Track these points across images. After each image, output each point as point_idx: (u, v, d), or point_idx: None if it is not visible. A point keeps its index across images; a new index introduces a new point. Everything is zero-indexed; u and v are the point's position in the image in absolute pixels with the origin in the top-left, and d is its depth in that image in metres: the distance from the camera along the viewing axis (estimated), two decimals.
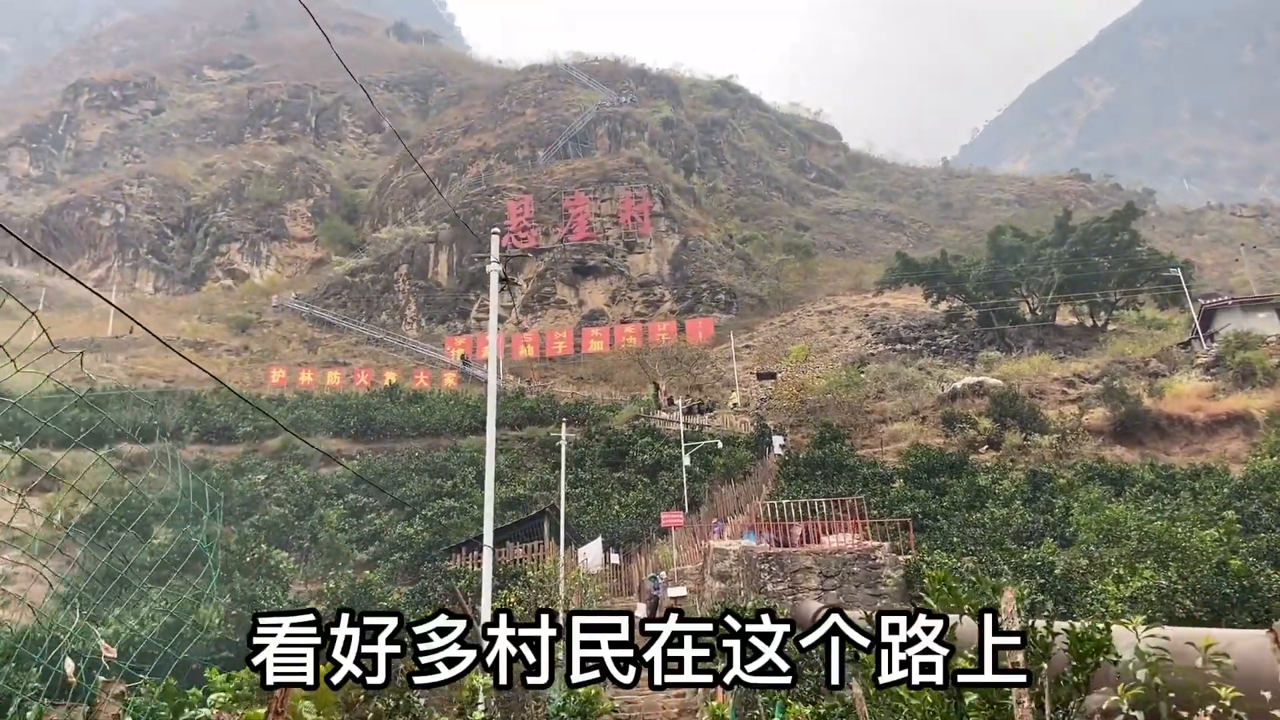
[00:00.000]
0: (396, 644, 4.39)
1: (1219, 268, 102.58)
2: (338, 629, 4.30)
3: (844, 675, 5.29)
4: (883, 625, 4.56)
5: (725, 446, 40.58)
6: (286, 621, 4.34)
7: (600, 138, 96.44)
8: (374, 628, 4.39)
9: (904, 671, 4.56)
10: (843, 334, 67.28)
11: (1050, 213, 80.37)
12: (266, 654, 4.29)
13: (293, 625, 4.34)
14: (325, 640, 4.24)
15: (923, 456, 37.27)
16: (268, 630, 4.33)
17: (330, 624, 4.31)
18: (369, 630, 4.37)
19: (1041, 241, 62.84)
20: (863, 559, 18.74)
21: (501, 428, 48.17)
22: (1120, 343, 55.79)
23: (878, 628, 4.58)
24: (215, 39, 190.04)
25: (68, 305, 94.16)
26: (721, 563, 19.84)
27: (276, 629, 4.33)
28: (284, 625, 4.32)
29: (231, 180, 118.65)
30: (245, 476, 38.25)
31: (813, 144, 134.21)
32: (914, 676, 4.51)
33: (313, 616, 4.39)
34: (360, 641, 4.38)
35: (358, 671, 4.34)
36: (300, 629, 4.33)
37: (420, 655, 4.42)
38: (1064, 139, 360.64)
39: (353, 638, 4.36)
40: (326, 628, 4.24)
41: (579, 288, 79.22)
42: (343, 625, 4.28)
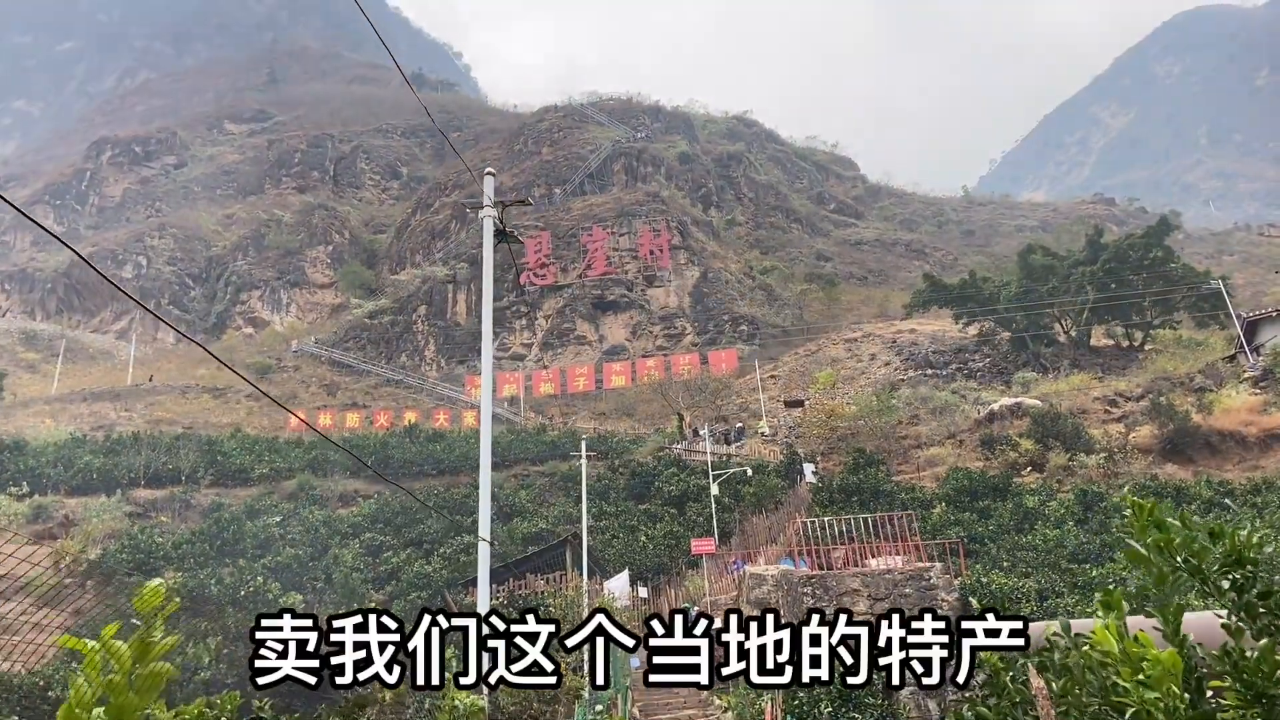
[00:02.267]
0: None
1: (1250, 287, 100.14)
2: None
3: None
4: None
5: (755, 475, 38.98)
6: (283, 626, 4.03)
7: (617, 174, 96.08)
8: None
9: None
10: (870, 361, 65.62)
11: (1075, 237, 78.84)
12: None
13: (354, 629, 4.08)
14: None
15: (963, 480, 35.58)
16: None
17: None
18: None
19: (1073, 260, 61.17)
20: (915, 579, 17.13)
21: (522, 462, 46.93)
22: (1161, 360, 53.87)
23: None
24: (236, 95, 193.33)
25: (90, 358, 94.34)
26: (759, 589, 18.28)
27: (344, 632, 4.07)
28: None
29: (252, 230, 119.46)
30: (260, 519, 37.01)
31: (830, 176, 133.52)
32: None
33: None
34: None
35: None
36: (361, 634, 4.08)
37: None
38: (1082, 168, 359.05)
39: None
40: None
41: (599, 323, 78.19)
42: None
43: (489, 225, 10.12)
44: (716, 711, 18.75)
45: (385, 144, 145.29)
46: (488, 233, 10.25)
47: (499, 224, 10.19)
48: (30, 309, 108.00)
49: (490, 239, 10.21)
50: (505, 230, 10.35)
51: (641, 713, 19.31)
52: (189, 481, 42.72)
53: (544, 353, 77.88)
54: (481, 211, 10.13)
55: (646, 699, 21.17)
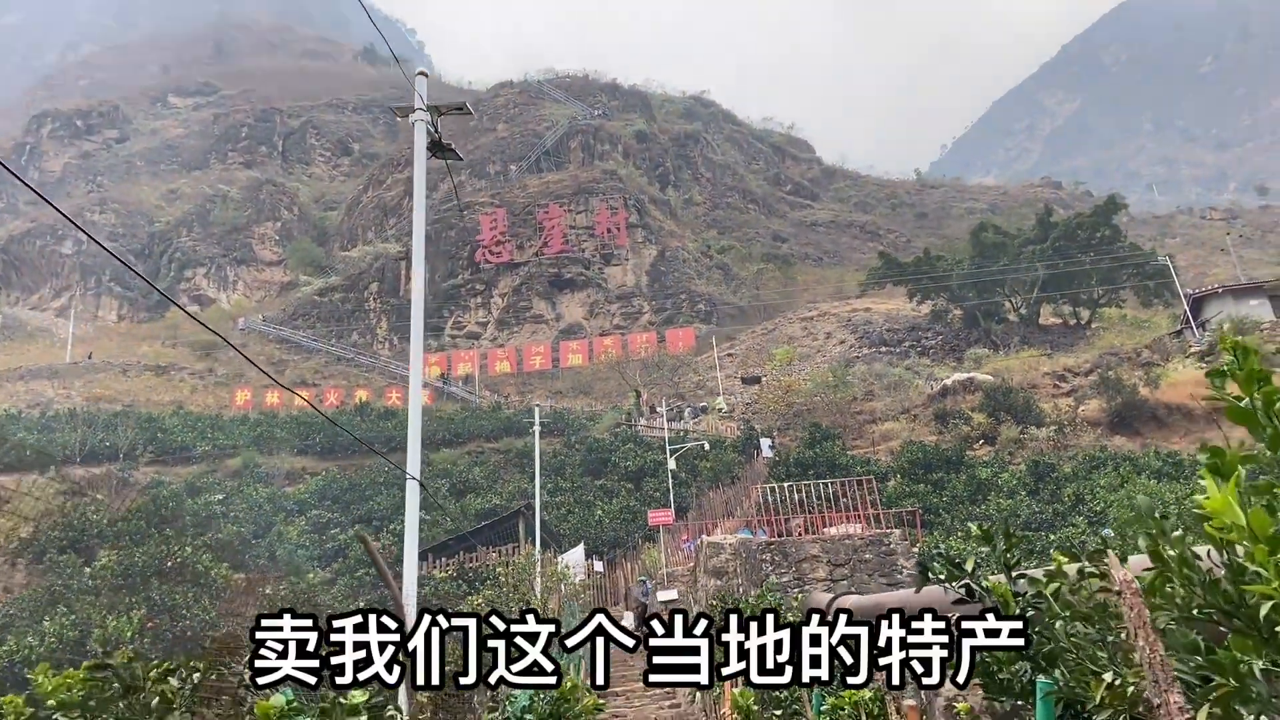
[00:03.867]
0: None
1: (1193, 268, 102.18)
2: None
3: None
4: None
5: (712, 450, 38.79)
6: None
7: (573, 151, 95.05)
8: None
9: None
10: (826, 339, 65.83)
11: (1025, 218, 79.67)
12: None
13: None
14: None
15: (918, 453, 35.76)
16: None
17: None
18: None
19: (1024, 239, 61.87)
20: (875, 545, 16.94)
21: (477, 439, 46.25)
22: (1108, 336, 54.72)
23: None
24: (181, 68, 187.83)
25: (28, 335, 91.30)
26: (716, 557, 17.96)
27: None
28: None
29: (196, 205, 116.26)
30: (201, 496, 35.94)
31: (787, 157, 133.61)
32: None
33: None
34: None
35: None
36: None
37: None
38: (1029, 154, 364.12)
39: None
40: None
41: (556, 302, 77.43)
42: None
43: (420, 132, 9.46)
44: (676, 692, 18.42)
45: (336, 119, 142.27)
46: (419, 141, 9.58)
47: (433, 133, 9.54)
48: None
49: (422, 148, 9.52)
50: (441, 141, 9.69)
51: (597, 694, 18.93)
52: (127, 459, 41.41)
53: (500, 331, 76.95)
54: (412, 115, 9.47)
55: None
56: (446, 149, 9.69)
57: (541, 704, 6.63)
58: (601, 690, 8.71)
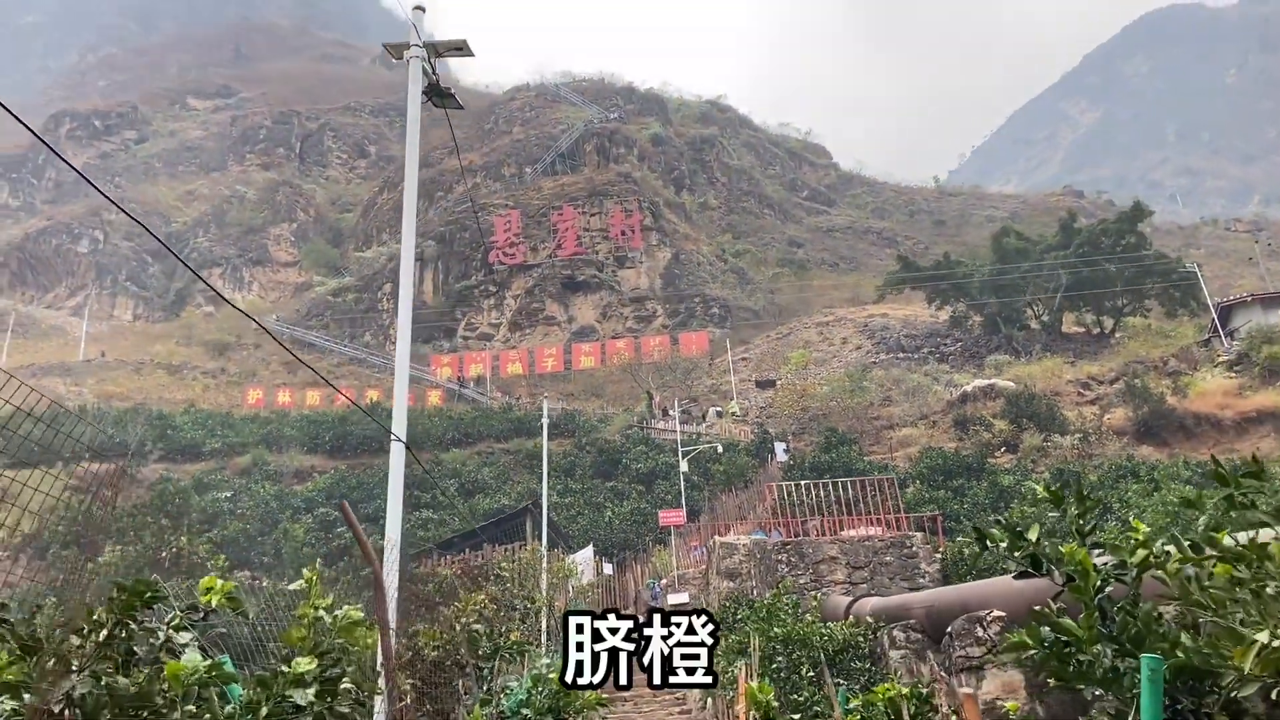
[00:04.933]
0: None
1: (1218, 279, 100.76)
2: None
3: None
4: None
5: (725, 453, 38.00)
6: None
7: (589, 154, 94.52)
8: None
9: None
10: (842, 344, 64.90)
11: (1046, 226, 78.53)
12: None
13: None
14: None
15: (937, 459, 34.88)
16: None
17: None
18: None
19: (1046, 245, 60.79)
20: (896, 547, 16.14)
21: (487, 439, 45.66)
22: (1132, 345, 53.57)
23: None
24: (201, 71, 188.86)
25: (42, 333, 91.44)
26: (730, 559, 17.19)
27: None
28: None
29: (213, 206, 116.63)
30: (209, 493, 35.44)
31: (803, 163, 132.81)
32: None
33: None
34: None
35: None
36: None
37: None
38: (1049, 164, 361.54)
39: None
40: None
41: (569, 304, 76.85)
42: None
43: (416, 70, 8.73)
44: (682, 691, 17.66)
45: (353, 122, 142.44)
46: (414, 81, 8.86)
47: (430, 74, 8.84)
48: None
49: (417, 90, 8.80)
50: (439, 86, 8.99)
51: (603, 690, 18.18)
52: (136, 455, 40.98)
53: (512, 333, 76.42)
54: (407, 53, 8.76)
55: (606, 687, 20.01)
56: (445, 94, 8.99)
57: (539, 698, 5.93)
58: (624, 689, 8.20)
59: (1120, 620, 2.90)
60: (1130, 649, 2.82)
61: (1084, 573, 3.00)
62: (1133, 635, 2.84)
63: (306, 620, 3.30)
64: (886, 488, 21.49)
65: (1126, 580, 3.04)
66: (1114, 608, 3.00)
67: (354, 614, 3.44)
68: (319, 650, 3.18)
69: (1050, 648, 2.92)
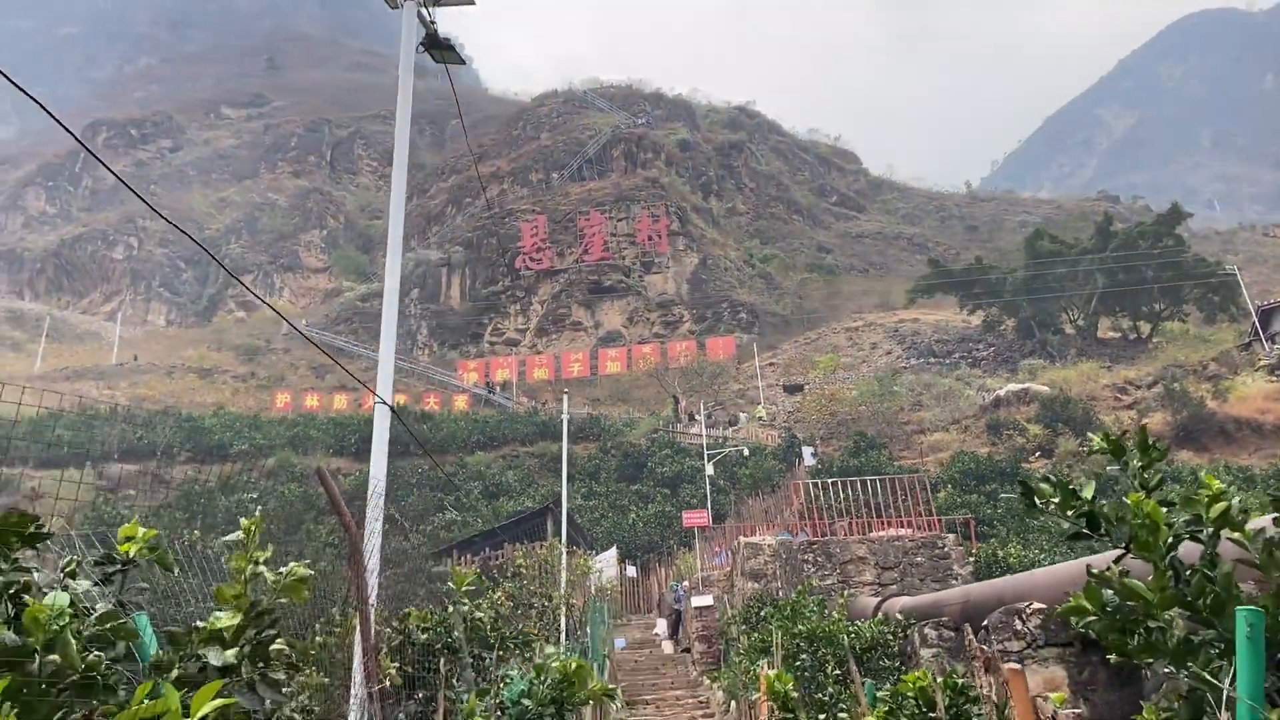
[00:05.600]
0: None
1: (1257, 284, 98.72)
2: None
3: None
4: None
5: (751, 457, 37.47)
6: None
7: (616, 160, 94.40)
8: None
9: None
10: (872, 350, 64.12)
11: (1082, 230, 77.24)
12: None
13: None
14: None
15: (969, 463, 34.16)
16: None
17: None
18: None
19: (1081, 248, 59.67)
20: (928, 548, 15.60)
21: (512, 443, 45.44)
22: (1170, 350, 52.41)
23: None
24: (234, 80, 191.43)
25: (77, 338, 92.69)
26: (755, 559, 16.74)
27: None
28: None
29: (245, 213, 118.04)
30: (234, 494, 35.47)
31: (833, 168, 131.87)
32: None
33: None
34: None
35: None
36: None
37: None
38: (1084, 169, 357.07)
39: None
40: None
41: (595, 309, 76.63)
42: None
43: (410, 17, 8.29)
44: (705, 692, 17.23)
45: (383, 130, 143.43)
46: (408, 32, 8.39)
47: (428, 24, 8.47)
48: (19, 289, 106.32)
49: (411, 42, 8.29)
50: (437, 37, 8.61)
51: (624, 693, 17.78)
52: (164, 456, 41.21)
53: (539, 338, 76.32)
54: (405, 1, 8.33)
55: (631, 680, 19.64)
56: (445, 46, 8.63)
57: (542, 688, 5.56)
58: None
59: (1195, 584, 2.48)
60: (1208, 616, 2.41)
61: (1153, 527, 2.57)
62: (1211, 602, 2.42)
63: (243, 575, 2.94)
64: (918, 487, 20.90)
65: (1202, 538, 2.62)
66: (1186, 571, 2.58)
67: (300, 570, 3.08)
68: (259, 610, 2.83)
69: (1113, 613, 2.50)
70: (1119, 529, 2.85)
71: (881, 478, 21.90)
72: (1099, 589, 2.52)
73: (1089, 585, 2.59)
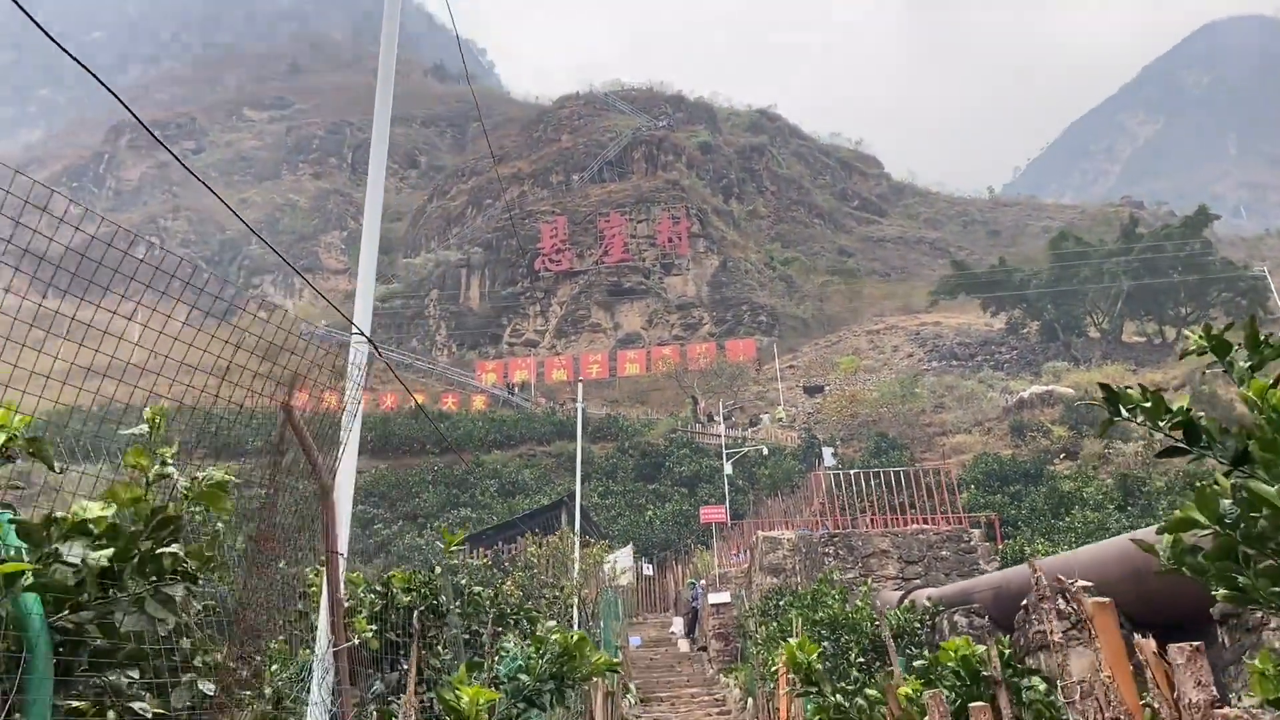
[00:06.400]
0: None
1: None
2: None
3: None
4: None
5: (771, 457, 36.97)
6: None
7: (636, 162, 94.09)
8: None
9: None
10: (893, 352, 63.44)
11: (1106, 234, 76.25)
12: None
13: None
14: None
15: (993, 464, 33.57)
16: None
17: None
18: None
19: (1106, 251, 58.79)
20: (953, 541, 15.11)
21: (529, 442, 45.19)
22: None
23: None
24: (257, 83, 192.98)
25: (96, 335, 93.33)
26: (774, 553, 16.29)
27: None
28: None
29: (267, 214, 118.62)
30: (248, 490, 35.30)
31: (854, 173, 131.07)
32: None
33: None
34: None
35: None
36: None
37: None
38: (1107, 176, 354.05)
39: None
40: None
41: (614, 311, 76.32)
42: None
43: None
44: (721, 689, 16.78)
45: (405, 133, 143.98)
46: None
47: None
48: (42, 289, 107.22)
49: (394, 38, 7.47)
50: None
51: (639, 690, 17.36)
52: (180, 452, 41.15)
53: (558, 339, 76.07)
54: None
55: (646, 677, 19.21)
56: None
57: (541, 662, 5.15)
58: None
59: None
60: None
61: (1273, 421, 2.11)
62: None
63: (145, 474, 2.53)
64: (943, 481, 20.37)
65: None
66: None
67: (218, 474, 2.68)
68: (162, 518, 2.41)
69: (1232, 526, 2.06)
70: (1221, 442, 2.41)
71: (904, 469, 21.37)
72: (1213, 496, 2.07)
73: (1201, 490, 2.14)
